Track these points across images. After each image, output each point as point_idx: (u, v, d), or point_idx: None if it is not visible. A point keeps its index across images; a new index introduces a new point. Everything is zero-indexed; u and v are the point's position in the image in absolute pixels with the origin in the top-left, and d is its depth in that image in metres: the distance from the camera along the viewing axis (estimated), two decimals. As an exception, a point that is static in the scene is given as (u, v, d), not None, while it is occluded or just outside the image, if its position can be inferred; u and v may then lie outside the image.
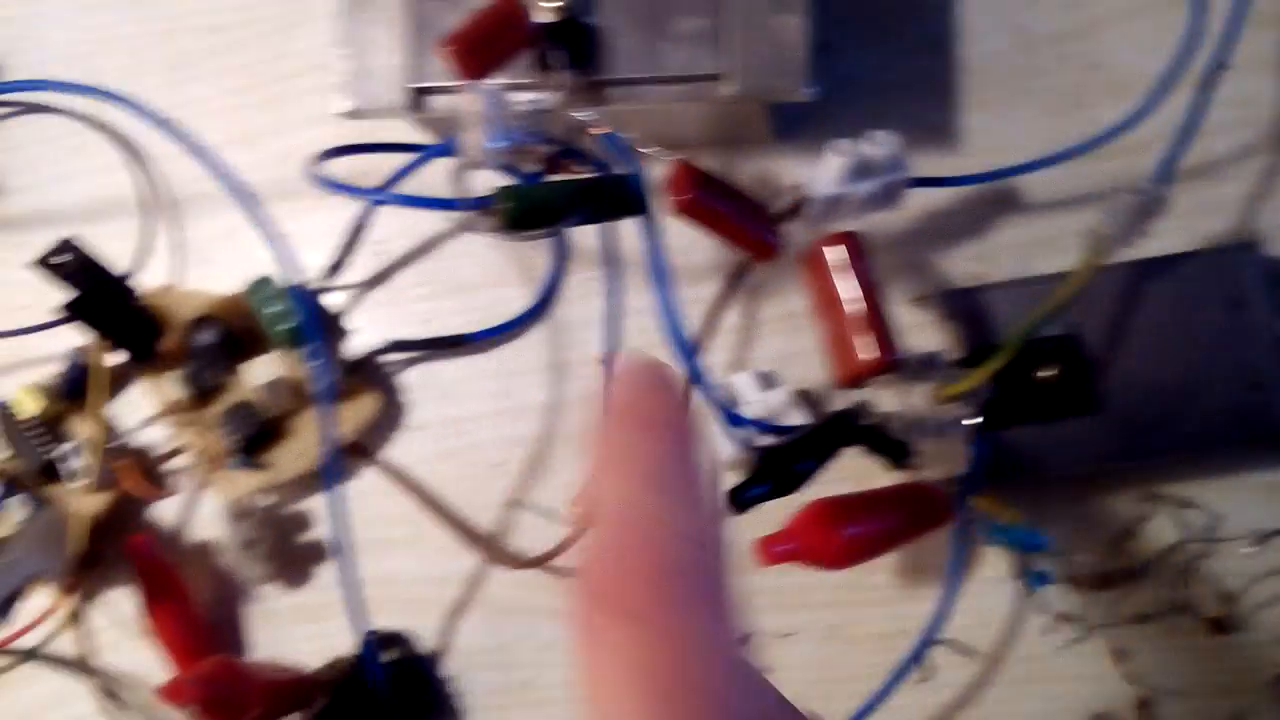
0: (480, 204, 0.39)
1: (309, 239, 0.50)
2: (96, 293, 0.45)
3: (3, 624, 0.47)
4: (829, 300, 0.40)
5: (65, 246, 0.45)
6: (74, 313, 0.45)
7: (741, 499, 0.38)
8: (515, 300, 0.50)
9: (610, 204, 0.40)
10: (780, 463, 0.39)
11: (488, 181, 0.48)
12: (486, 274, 0.50)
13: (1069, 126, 0.47)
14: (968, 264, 0.47)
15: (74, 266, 0.44)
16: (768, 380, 0.46)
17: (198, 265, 0.52)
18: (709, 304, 0.48)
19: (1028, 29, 0.49)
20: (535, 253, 0.50)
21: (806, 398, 0.47)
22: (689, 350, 0.40)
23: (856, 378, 0.40)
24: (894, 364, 0.39)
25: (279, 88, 0.52)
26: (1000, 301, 0.44)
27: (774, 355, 0.48)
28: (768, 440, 0.41)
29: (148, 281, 0.51)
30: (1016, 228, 0.48)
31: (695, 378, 0.40)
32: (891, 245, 0.47)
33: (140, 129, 0.53)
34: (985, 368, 0.40)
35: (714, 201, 0.39)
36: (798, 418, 0.45)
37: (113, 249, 0.49)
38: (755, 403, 0.44)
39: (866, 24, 0.49)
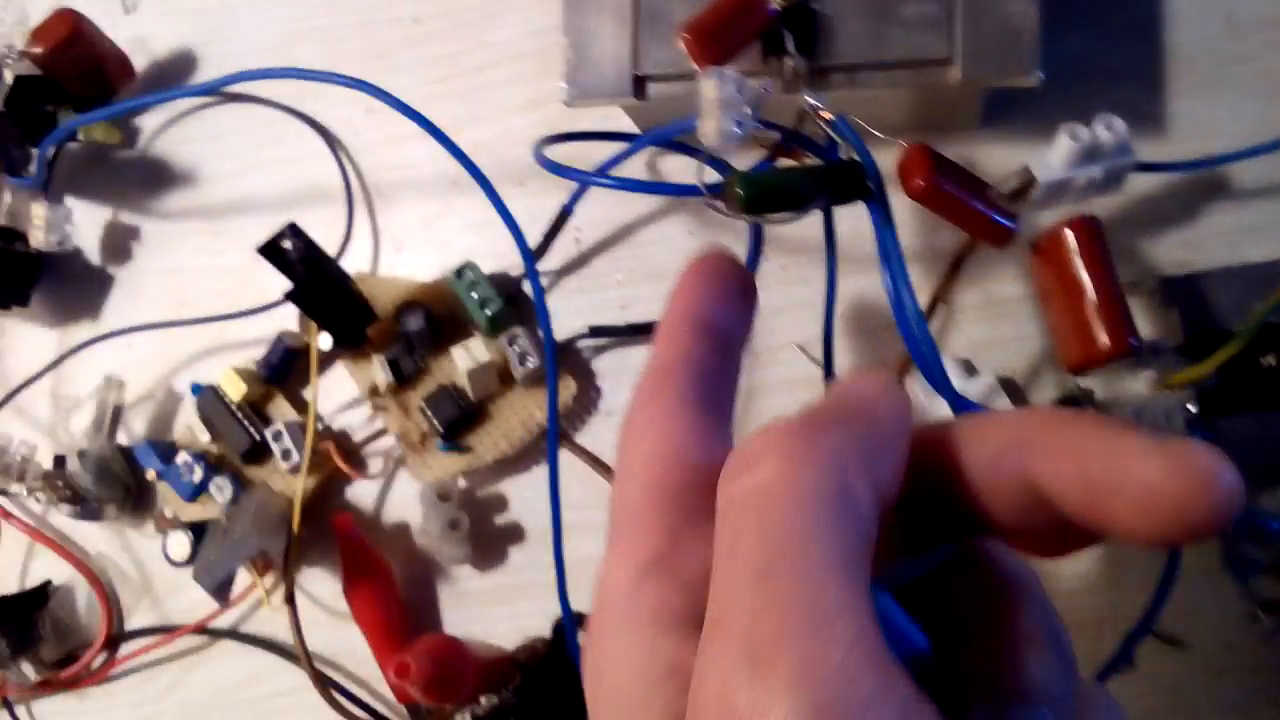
0: (710, 189, 0.40)
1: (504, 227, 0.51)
2: (317, 279, 0.46)
3: (222, 603, 0.49)
4: (1065, 285, 0.40)
5: (290, 232, 0.46)
6: (297, 299, 0.46)
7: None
8: (711, 287, 0.50)
9: (842, 189, 0.40)
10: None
11: (688, 169, 0.49)
12: (681, 261, 0.50)
13: (1278, 113, 0.47)
14: (1176, 250, 0.47)
15: (298, 253, 0.45)
16: (969, 368, 0.46)
17: (392, 253, 0.53)
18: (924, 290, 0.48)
19: (1236, 14, 0.48)
20: (730, 239, 0.50)
21: (1009, 386, 0.46)
22: (925, 342, 0.40)
23: (1093, 363, 0.40)
24: (1133, 350, 0.39)
25: (476, 78, 0.53)
26: (1220, 288, 0.44)
27: (972, 343, 0.48)
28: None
29: (348, 269, 0.52)
30: (1226, 214, 0.47)
31: (932, 372, 0.40)
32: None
33: (336, 118, 0.54)
34: (1218, 355, 0.40)
35: (951, 186, 0.39)
36: (1001, 406, 0.45)
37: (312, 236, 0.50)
38: (958, 389, 0.44)
39: (1072, 9, 0.49)
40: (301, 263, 0.46)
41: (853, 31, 0.42)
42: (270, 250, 0.46)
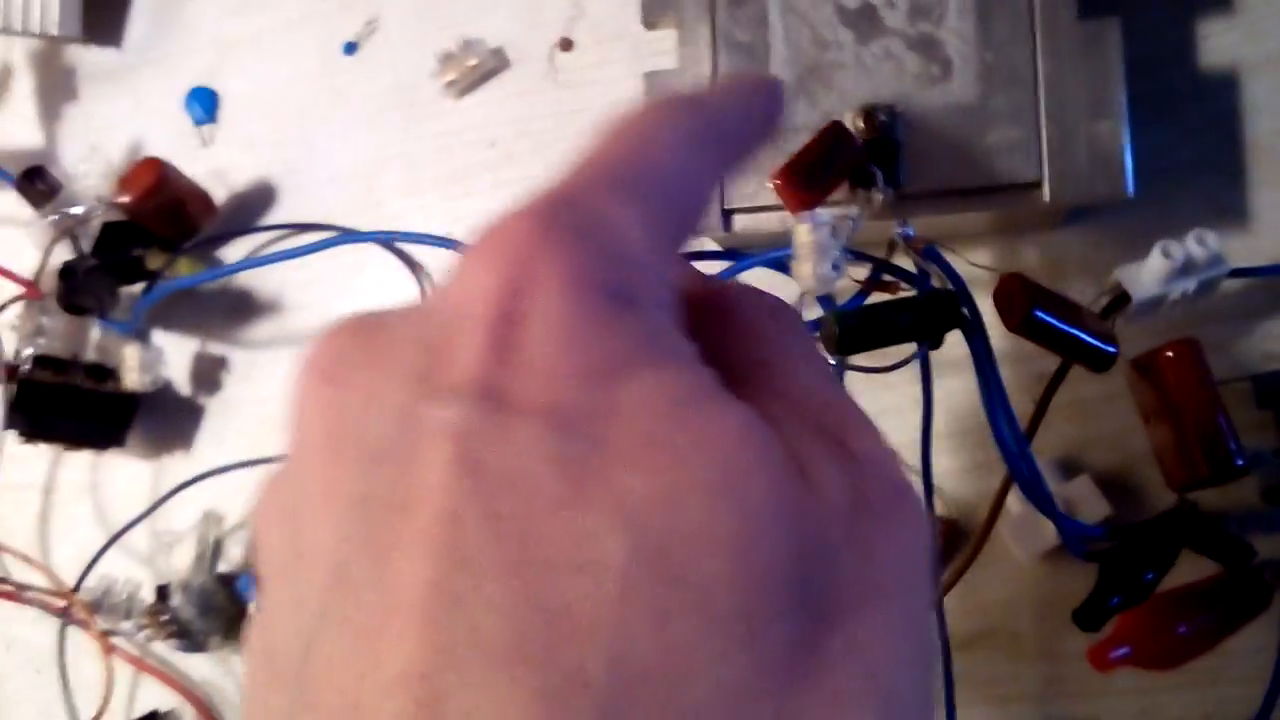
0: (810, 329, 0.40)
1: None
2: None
3: None
4: (1167, 406, 0.40)
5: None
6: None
7: (1095, 615, 0.38)
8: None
9: (936, 321, 0.40)
10: (1125, 571, 0.39)
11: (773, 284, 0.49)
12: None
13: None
14: (1266, 344, 0.47)
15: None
16: (1066, 469, 0.46)
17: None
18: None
19: (1315, 104, 0.48)
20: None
21: (1107, 487, 0.46)
22: (1027, 466, 0.40)
23: (1198, 486, 0.40)
24: (1238, 472, 0.39)
25: (554, 198, 0.53)
26: (1318, 388, 0.44)
27: (1068, 442, 0.48)
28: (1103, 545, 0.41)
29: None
30: (1315, 308, 0.47)
31: (1036, 494, 0.40)
32: (1185, 326, 0.47)
33: (420, 246, 0.55)
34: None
35: (1050, 316, 0.39)
36: (1100, 509, 0.45)
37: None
38: (1054, 494, 0.45)
39: (1148, 105, 0.48)
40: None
41: (937, 159, 0.42)
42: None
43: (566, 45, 0.53)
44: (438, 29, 0.55)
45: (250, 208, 0.57)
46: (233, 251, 0.57)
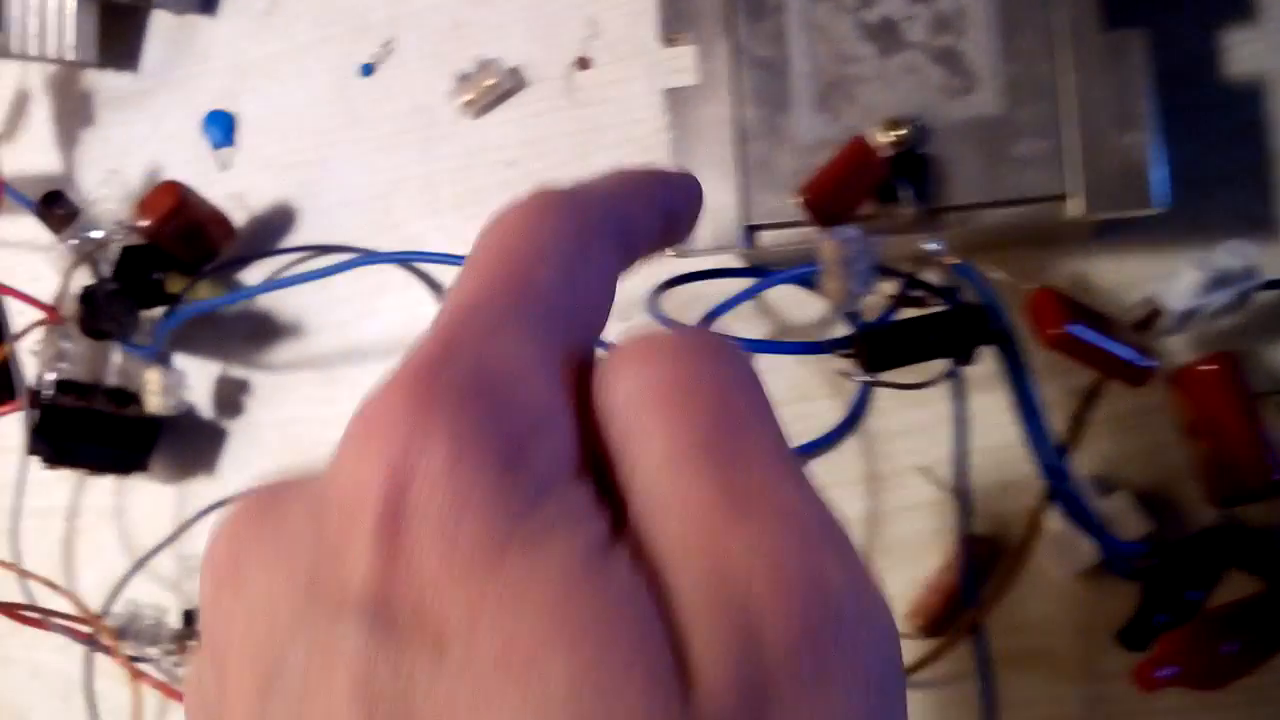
0: (836, 346, 0.40)
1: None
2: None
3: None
4: (1205, 422, 0.40)
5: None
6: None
7: (1141, 635, 0.38)
8: (826, 414, 0.50)
9: (968, 336, 0.39)
10: (1170, 589, 0.39)
11: (799, 302, 0.49)
12: (794, 388, 0.50)
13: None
14: (1300, 355, 0.46)
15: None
16: (1103, 486, 0.45)
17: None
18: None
19: (1344, 111, 0.47)
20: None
21: (1145, 503, 0.46)
22: (1067, 482, 0.40)
23: (1239, 500, 0.39)
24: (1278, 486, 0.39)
25: (573, 217, 0.53)
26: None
27: (1105, 458, 0.47)
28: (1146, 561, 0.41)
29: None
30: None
31: (1079, 515, 0.40)
32: (1220, 339, 0.46)
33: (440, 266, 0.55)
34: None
35: (1085, 331, 0.39)
36: (1140, 525, 0.44)
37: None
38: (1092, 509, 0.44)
39: (1176, 118, 0.48)
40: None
41: (965, 172, 0.42)
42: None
43: (584, 64, 0.53)
44: (454, 49, 0.54)
45: (269, 230, 0.57)
46: (253, 274, 0.57)
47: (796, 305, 0.50)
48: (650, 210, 0.24)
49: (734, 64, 0.44)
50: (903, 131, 0.41)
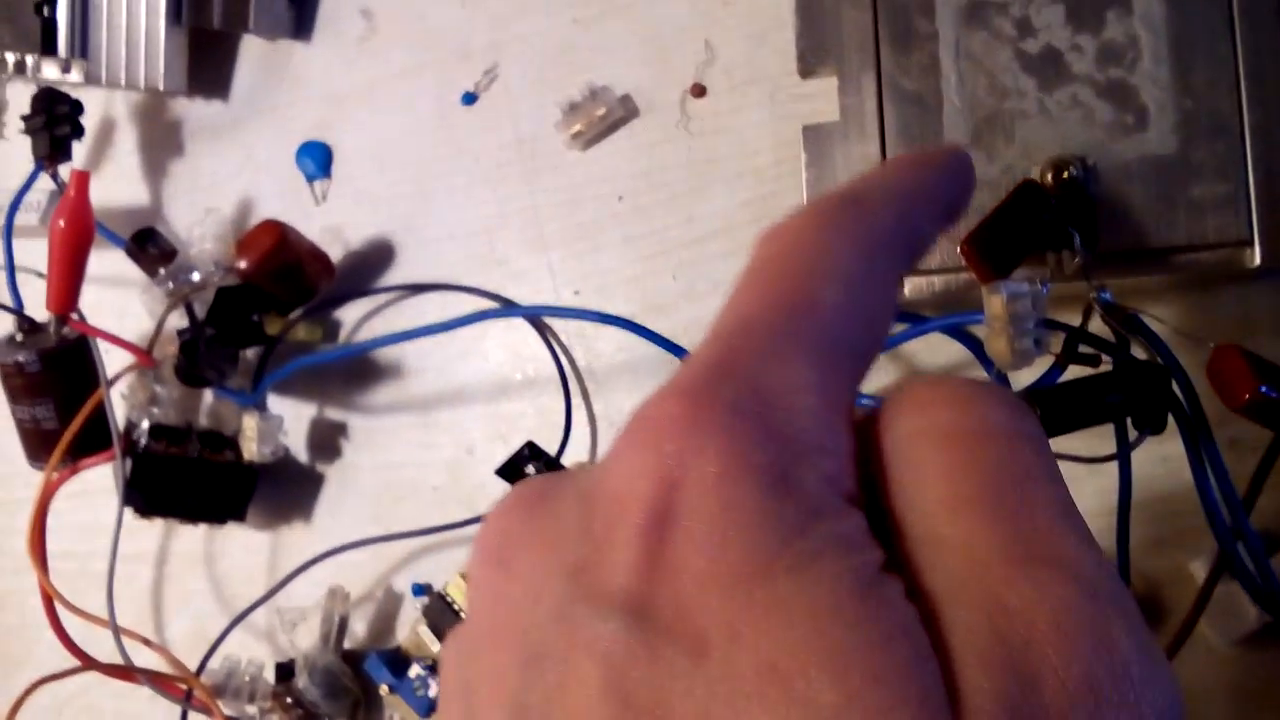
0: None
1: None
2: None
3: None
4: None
5: (530, 452, 0.44)
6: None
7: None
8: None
9: (1149, 399, 0.36)
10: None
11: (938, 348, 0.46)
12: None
13: None
14: None
15: (539, 472, 0.44)
16: (1271, 542, 0.42)
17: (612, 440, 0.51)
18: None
19: None
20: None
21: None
22: (1248, 548, 0.37)
23: None
24: None
25: (688, 253, 0.50)
26: None
27: (1267, 515, 0.44)
28: None
29: (568, 459, 0.49)
30: None
31: (1259, 578, 0.37)
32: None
33: (542, 303, 0.52)
34: None
35: (1272, 391, 0.36)
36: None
37: (524, 426, 0.49)
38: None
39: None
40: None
41: (1134, 217, 0.39)
42: (510, 472, 0.44)
43: (699, 91, 0.50)
44: (561, 76, 0.52)
45: (367, 266, 0.54)
46: (350, 312, 0.55)
47: (927, 350, 0.47)
48: (933, 208, 0.23)
49: (879, 98, 0.41)
50: (1070, 172, 0.38)
